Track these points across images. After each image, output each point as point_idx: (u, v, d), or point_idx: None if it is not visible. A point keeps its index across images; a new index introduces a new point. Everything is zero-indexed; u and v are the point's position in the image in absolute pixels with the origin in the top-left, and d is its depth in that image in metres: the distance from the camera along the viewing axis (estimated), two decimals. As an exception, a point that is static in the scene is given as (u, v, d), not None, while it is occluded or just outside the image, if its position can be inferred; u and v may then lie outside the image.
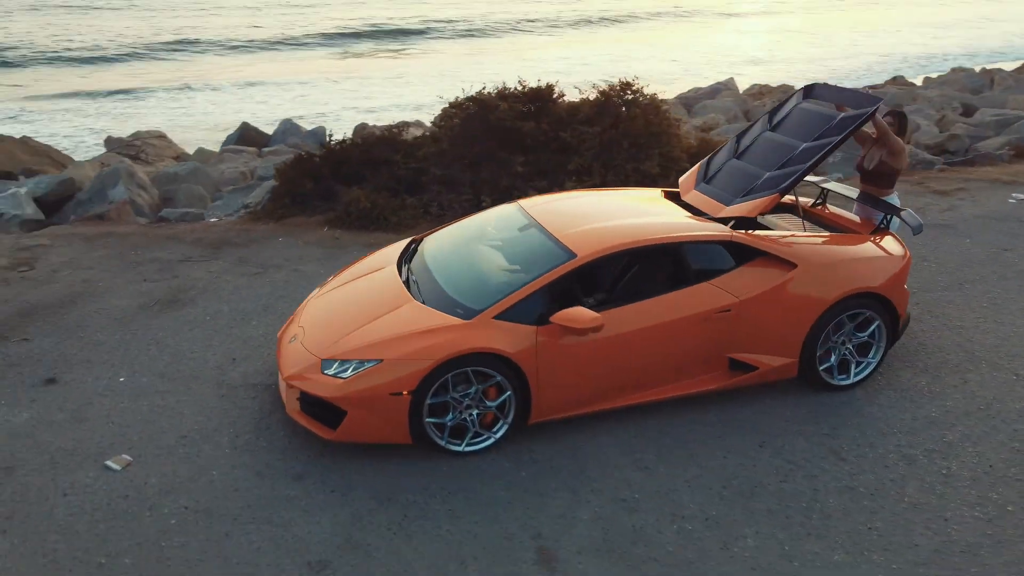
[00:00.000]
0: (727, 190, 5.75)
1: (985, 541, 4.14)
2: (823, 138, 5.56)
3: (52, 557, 4.03)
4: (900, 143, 5.99)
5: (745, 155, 5.98)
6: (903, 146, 6.01)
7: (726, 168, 6.00)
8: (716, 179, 5.96)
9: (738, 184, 5.73)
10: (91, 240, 8.65)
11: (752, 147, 6.02)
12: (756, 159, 5.85)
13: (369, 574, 3.92)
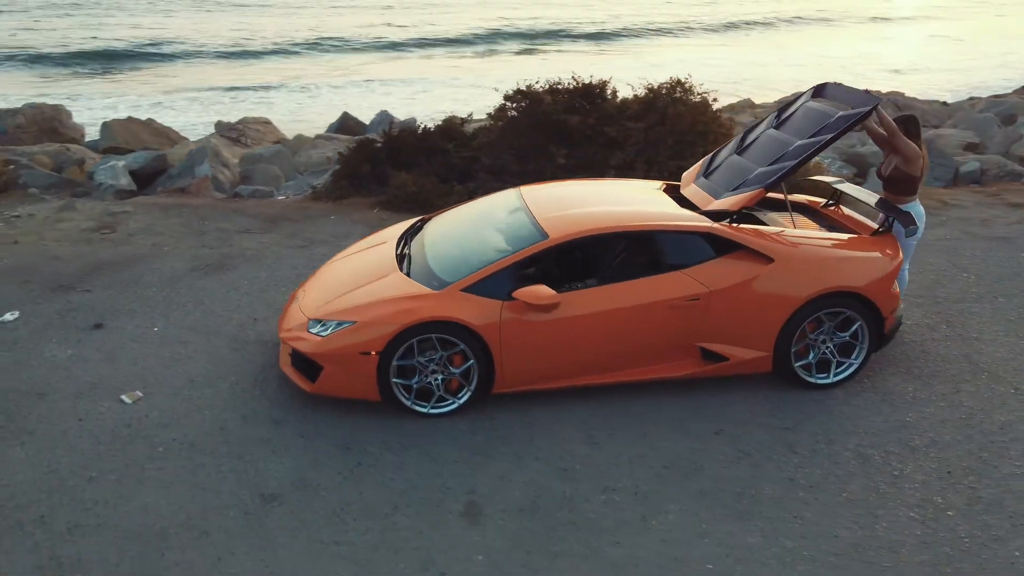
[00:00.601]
0: (720, 184, 5.83)
1: (909, 540, 4.12)
2: (818, 136, 5.56)
3: (54, 469, 4.67)
4: (913, 149, 5.86)
5: (746, 151, 6.04)
6: (917, 152, 5.88)
7: (726, 163, 6.07)
8: (714, 174, 6.04)
9: (732, 179, 5.80)
10: (167, 209, 9.56)
11: (754, 143, 6.06)
12: (753, 155, 5.90)
13: (309, 508, 4.34)
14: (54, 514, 4.29)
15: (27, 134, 16.41)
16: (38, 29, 37.47)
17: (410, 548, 4.06)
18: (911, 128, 5.90)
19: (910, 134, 5.87)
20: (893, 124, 5.81)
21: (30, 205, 9.83)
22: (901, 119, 5.95)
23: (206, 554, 4.01)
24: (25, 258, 7.94)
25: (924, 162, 5.97)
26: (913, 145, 5.84)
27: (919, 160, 5.89)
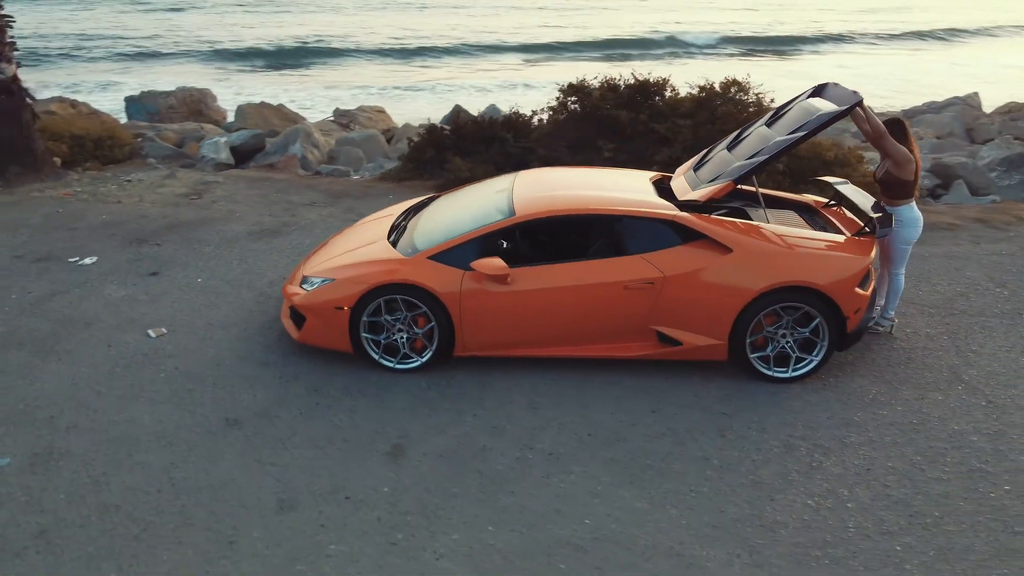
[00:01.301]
0: (703, 177, 5.98)
1: (793, 523, 4.21)
2: (795, 132, 5.62)
3: (75, 382, 5.55)
4: (902, 152, 5.78)
5: (736, 147, 6.14)
6: (907, 156, 5.80)
7: (715, 158, 6.20)
8: (703, 167, 6.19)
9: (713, 172, 5.94)
10: (253, 182, 10.61)
11: (744, 140, 6.15)
12: (739, 150, 6.00)
13: (260, 435, 4.96)
14: (61, 415, 5.14)
15: (177, 114, 18.33)
16: (225, 26, 41.24)
17: (329, 474, 4.59)
18: (896, 131, 5.82)
19: (897, 138, 5.80)
20: (880, 126, 5.76)
21: (143, 172, 11.17)
22: (886, 122, 5.88)
23: (163, 459, 4.71)
24: (120, 215, 9.14)
25: (917, 166, 5.86)
26: (903, 148, 5.77)
27: (910, 164, 5.80)
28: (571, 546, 4.05)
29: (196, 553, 3.99)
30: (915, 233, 6.00)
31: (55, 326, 6.37)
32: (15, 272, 7.46)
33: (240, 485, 4.49)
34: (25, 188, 10.24)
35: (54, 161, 11.11)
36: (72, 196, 9.95)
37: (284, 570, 3.89)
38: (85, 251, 7.97)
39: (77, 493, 4.42)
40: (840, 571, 3.89)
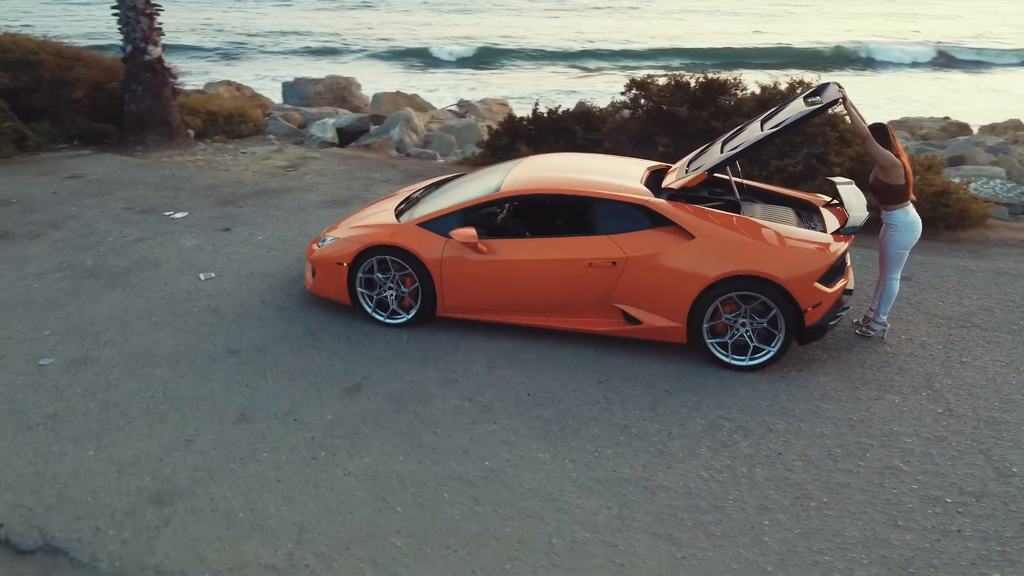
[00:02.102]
0: (690, 167, 6.19)
1: (675, 488, 4.43)
2: (777, 127, 5.72)
3: (125, 309, 6.61)
4: (886, 157, 5.72)
5: (729, 141, 6.29)
6: (892, 160, 5.72)
7: (709, 150, 6.38)
8: (697, 159, 6.38)
9: (700, 164, 6.14)
10: (345, 159, 11.65)
11: (738, 134, 6.29)
12: (729, 143, 6.16)
13: (250, 364, 5.75)
14: (104, 332, 6.19)
15: (323, 99, 20.00)
16: (434, 25, 43.78)
17: (290, 400, 5.29)
18: (880, 137, 5.75)
19: (881, 143, 5.74)
20: (863, 129, 5.73)
21: (259, 146, 12.52)
22: (870, 128, 5.82)
23: (165, 373, 5.61)
24: (222, 180, 10.40)
25: (905, 170, 5.77)
26: (886, 153, 5.71)
27: (896, 168, 5.73)
28: (462, 480, 4.51)
29: (159, 445, 4.81)
30: (910, 238, 5.90)
31: (131, 264, 7.53)
32: (120, 220, 8.78)
33: (215, 400, 5.29)
34: (157, 153, 11.81)
35: (188, 133, 12.69)
36: (192, 163, 11.38)
37: (221, 467, 4.61)
38: (180, 207, 9.21)
39: (90, 390, 5.38)
40: (697, 533, 4.12)
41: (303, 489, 4.42)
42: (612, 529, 4.14)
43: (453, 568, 3.87)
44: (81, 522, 4.16)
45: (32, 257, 7.72)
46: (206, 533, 4.09)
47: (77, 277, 7.24)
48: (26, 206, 9.23)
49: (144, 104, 12.05)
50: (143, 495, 4.37)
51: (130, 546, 4.00)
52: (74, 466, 4.61)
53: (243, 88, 20.96)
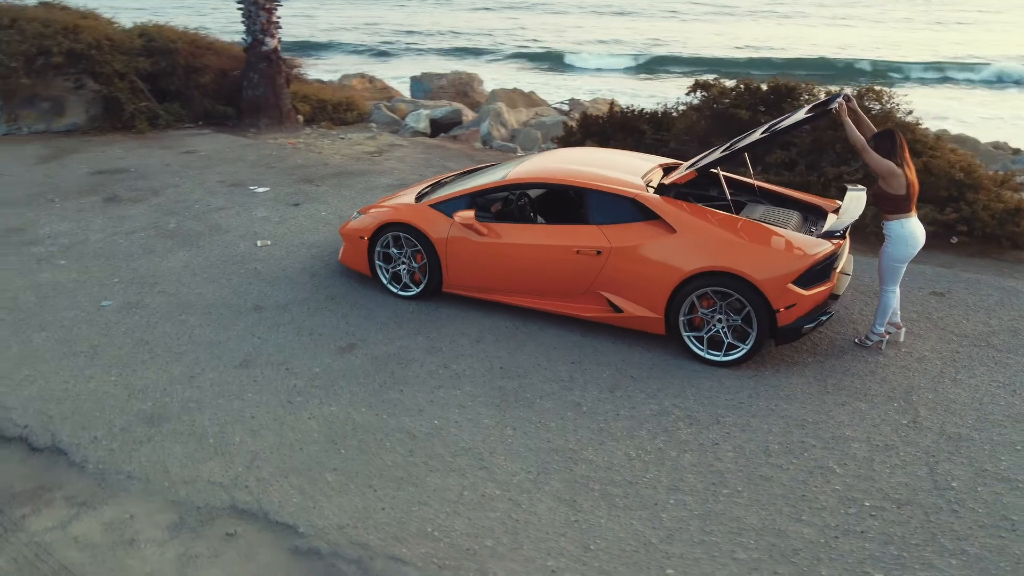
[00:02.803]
0: (694, 164, 6.34)
1: (600, 463, 4.67)
2: (769, 130, 5.79)
3: (187, 265, 7.52)
4: (885, 166, 5.60)
5: (737, 142, 6.37)
6: (890, 169, 5.60)
7: (719, 148, 6.48)
8: (702, 159, 6.51)
9: (696, 162, 6.28)
10: (429, 148, 12.34)
11: (746, 137, 6.36)
12: (736, 142, 6.25)
13: (269, 320, 6.45)
14: (160, 283, 7.10)
15: (446, 93, 20.95)
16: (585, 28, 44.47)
17: (289, 352, 5.93)
18: (884, 143, 5.65)
19: (885, 150, 5.64)
20: (858, 139, 5.66)
21: (357, 133, 13.46)
22: (877, 134, 5.72)
23: (197, 321, 6.40)
24: (312, 161, 11.34)
25: (908, 181, 5.63)
26: (884, 162, 5.61)
27: (895, 178, 5.61)
28: (407, 433, 4.97)
29: (168, 378, 5.56)
30: (904, 251, 5.77)
31: (205, 229, 8.49)
32: (211, 191, 9.84)
33: (227, 346, 6.02)
34: (267, 135, 12.97)
35: (297, 118, 13.82)
36: (293, 145, 12.44)
37: (210, 401, 5.30)
38: (265, 183, 10.18)
39: (131, 329, 6.26)
40: (600, 502, 4.36)
41: (269, 426, 5.02)
42: (522, 490, 4.46)
43: (367, 503, 4.33)
44: (84, 431, 4.95)
45: (128, 217, 8.85)
46: (177, 452, 4.76)
47: (157, 236, 8.27)
48: (139, 174, 10.50)
49: (259, 90, 13.26)
50: (140, 416, 5.11)
51: (115, 454, 4.74)
52: (95, 387, 5.43)
53: (375, 81, 22.25)
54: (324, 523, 4.18)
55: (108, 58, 12.63)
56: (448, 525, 4.18)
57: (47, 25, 12.39)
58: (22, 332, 6.20)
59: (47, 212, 8.99)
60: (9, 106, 12.32)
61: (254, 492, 4.42)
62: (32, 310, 6.58)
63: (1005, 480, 4.55)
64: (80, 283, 7.11)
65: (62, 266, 7.49)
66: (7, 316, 6.46)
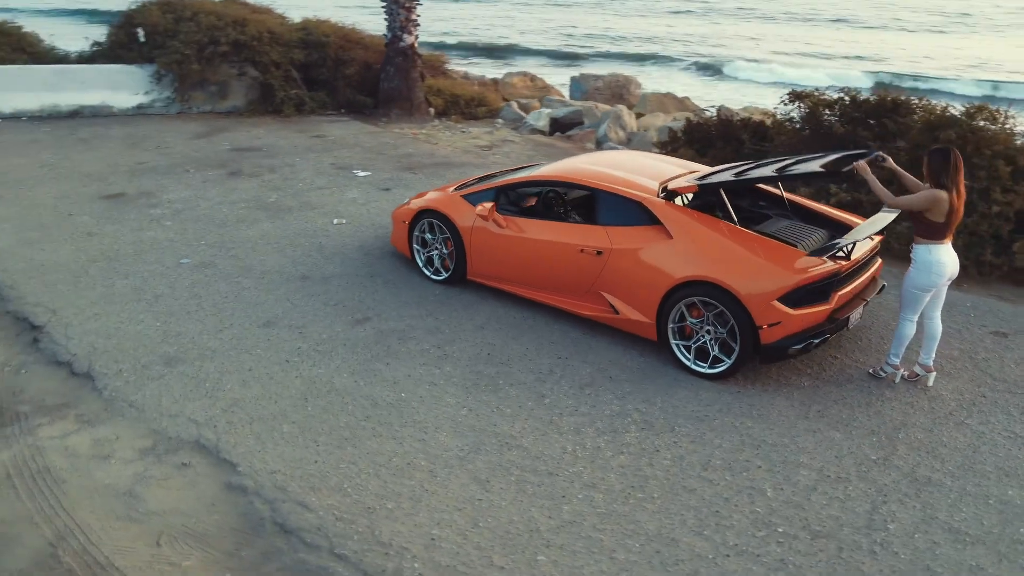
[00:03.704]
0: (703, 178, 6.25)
1: (527, 446, 4.83)
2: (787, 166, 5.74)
3: (264, 235, 8.36)
4: (920, 202, 5.15)
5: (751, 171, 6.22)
6: (930, 198, 5.11)
7: (733, 170, 6.33)
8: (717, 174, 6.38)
9: (714, 175, 6.20)
10: (539, 146, 12.67)
11: (763, 166, 6.19)
12: (757, 169, 6.09)
13: (308, 288, 7.08)
14: (234, 248, 7.97)
15: (601, 95, 21.20)
16: (769, 39, 43.50)
17: (310, 319, 6.51)
18: (934, 160, 5.21)
19: (934, 168, 5.22)
20: (886, 193, 5.38)
21: (480, 127, 14.06)
22: (932, 150, 5.31)
23: (249, 284, 7.16)
24: (422, 151, 12.04)
25: (953, 207, 5.19)
26: (919, 199, 5.21)
27: (939, 204, 5.14)
28: (371, 401, 5.36)
29: (200, 328, 6.32)
30: (926, 280, 5.37)
31: (297, 205, 9.36)
32: (319, 172, 10.77)
33: (263, 308, 6.71)
34: (395, 125, 13.88)
35: (429, 110, 14.64)
36: (415, 135, 13.24)
37: (223, 352, 5.98)
38: (369, 167, 10.98)
39: (192, 285, 7.12)
40: (511, 487, 4.52)
41: (260, 379, 5.61)
42: (446, 465, 4.72)
43: (305, 455, 4.77)
44: (114, 364, 5.78)
45: (239, 189, 9.93)
46: (175, 391, 5.46)
47: (254, 208, 9.23)
48: (266, 153, 11.67)
49: (394, 83, 14.19)
50: (162, 357, 5.89)
51: (128, 386, 5.51)
52: (141, 329, 6.29)
53: (536, 80, 22.84)
54: (261, 466, 4.67)
55: (267, 49, 14.05)
56: (363, 485, 4.53)
57: (220, 18, 13.99)
58: (110, 277, 7.25)
59: (178, 180, 10.27)
60: (183, 88, 14.05)
61: (219, 432, 4.99)
62: (126, 260, 7.64)
63: (952, 532, 4.22)
64: (173, 242, 8.14)
65: (167, 226, 8.59)
66: (105, 264, 7.56)
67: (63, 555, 4.02)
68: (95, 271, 7.38)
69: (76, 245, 7.99)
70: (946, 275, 5.38)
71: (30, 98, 13.64)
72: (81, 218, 8.78)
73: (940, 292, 5.52)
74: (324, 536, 4.14)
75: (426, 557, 4.00)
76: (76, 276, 7.25)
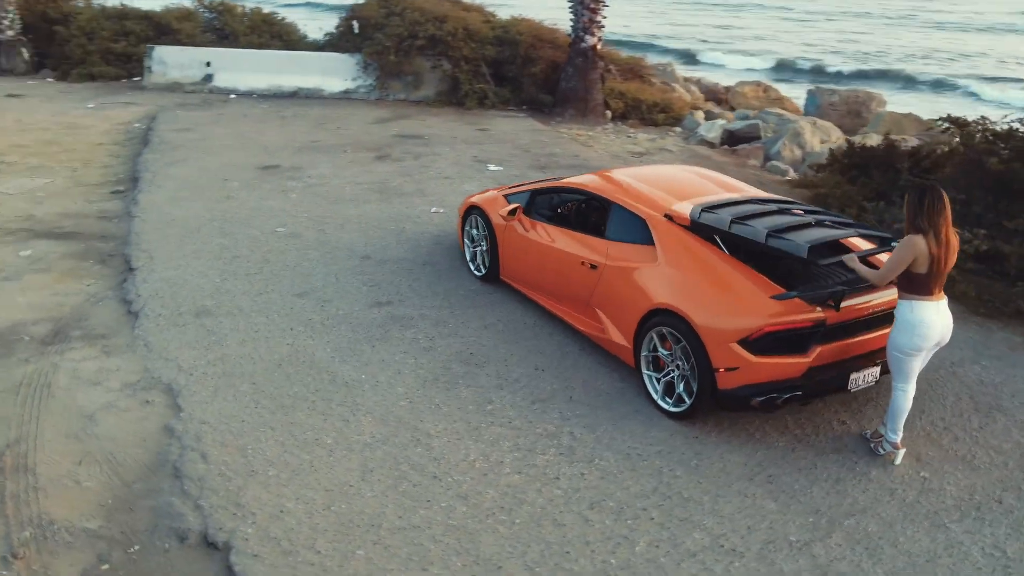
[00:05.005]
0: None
1: (443, 438, 4.85)
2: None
3: (364, 215, 8.96)
4: (894, 264, 4.49)
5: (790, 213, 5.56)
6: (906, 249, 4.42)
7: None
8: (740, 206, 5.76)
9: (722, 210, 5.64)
10: (694, 157, 12.11)
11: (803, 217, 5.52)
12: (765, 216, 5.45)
13: (362, 268, 7.49)
14: (328, 223, 8.63)
15: (835, 111, 19.72)
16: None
17: (339, 293, 6.93)
18: (911, 202, 4.45)
19: (910, 210, 4.46)
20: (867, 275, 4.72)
21: (650, 134, 13.75)
22: (909, 191, 4.52)
23: (314, 257, 7.74)
24: (569, 152, 12.05)
25: (935, 256, 4.37)
26: (894, 260, 4.48)
27: (911, 249, 4.41)
28: (331, 377, 5.62)
29: (246, 288, 7.00)
30: (908, 341, 4.51)
31: (412, 191, 9.88)
32: (456, 162, 11.23)
33: (308, 279, 7.25)
34: (563, 125, 13.99)
35: (605, 113, 14.54)
36: (578, 136, 13.26)
37: (247, 311, 6.57)
38: (504, 163, 11.23)
39: (269, 252, 7.86)
40: (385, 481, 4.53)
41: (259, 341, 6.12)
42: (347, 448, 4.85)
43: (237, 413, 5.16)
44: (162, 308, 6.62)
45: (375, 172, 10.68)
46: (185, 338, 6.14)
47: (373, 190, 9.90)
48: (424, 141, 12.38)
49: (572, 83, 14.29)
50: (198, 308, 6.63)
51: (156, 328, 6.30)
52: (200, 282, 7.12)
53: (769, 90, 21.70)
54: (198, 416, 5.15)
55: (460, 44, 14.82)
56: (263, 450, 4.82)
57: (423, 14, 15.00)
58: (212, 236, 8.24)
59: (330, 158, 11.28)
60: (383, 77, 15.28)
61: (191, 380, 5.56)
62: (236, 222, 8.62)
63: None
64: (283, 212, 9.01)
65: (290, 198, 9.52)
66: (218, 224, 8.59)
67: (8, 454, 4.76)
68: (206, 229, 8.42)
69: (208, 205, 9.14)
70: (933, 338, 4.50)
71: (261, 78, 15.65)
72: (231, 183, 10.00)
73: (926, 358, 4.64)
74: (199, 487, 4.49)
75: (263, 526, 4.19)
76: (188, 232, 8.33)
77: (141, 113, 13.85)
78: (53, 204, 9.21)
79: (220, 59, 15.84)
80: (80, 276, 7.34)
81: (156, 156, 11.16)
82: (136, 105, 14.43)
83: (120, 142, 12.12)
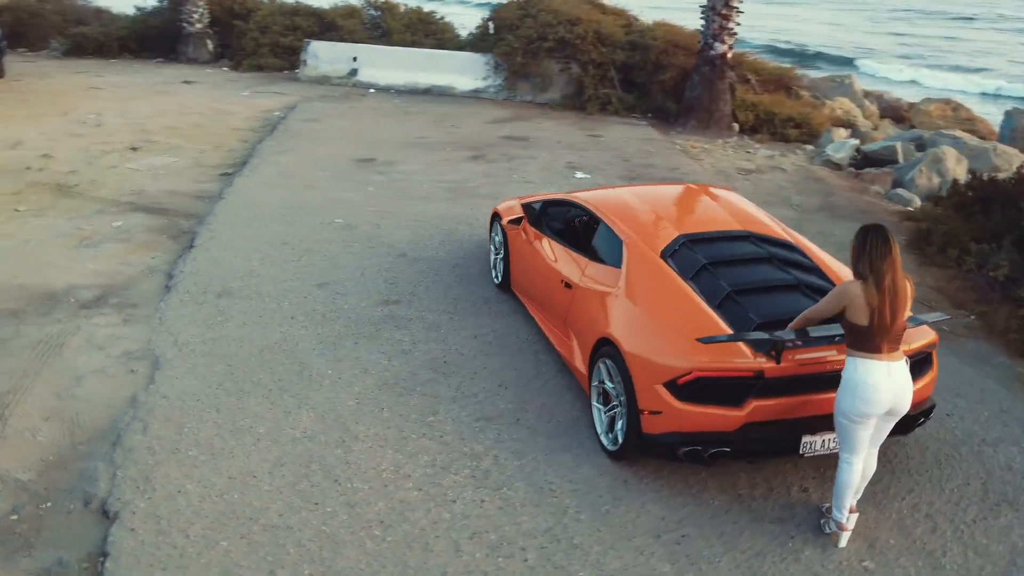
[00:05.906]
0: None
1: (357, 450, 4.84)
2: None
3: (423, 212, 9.09)
4: (832, 300, 3.93)
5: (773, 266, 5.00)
6: (839, 294, 3.86)
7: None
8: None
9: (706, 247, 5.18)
10: (803, 180, 11.22)
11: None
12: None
13: (393, 265, 7.58)
14: (384, 218, 8.81)
15: None
16: None
17: (356, 287, 7.07)
18: (854, 244, 3.86)
19: (853, 253, 3.88)
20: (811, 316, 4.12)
21: (771, 150, 12.90)
22: (859, 230, 3.90)
23: (356, 250, 7.95)
24: (672, 164, 11.52)
25: (873, 308, 3.76)
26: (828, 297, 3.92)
27: (846, 298, 3.84)
28: (300, 367, 5.75)
29: (275, 275, 7.32)
30: (851, 405, 3.87)
31: (486, 193, 9.86)
32: (546, 167, 11.07)
33: (337, 271, 7.44)
34: (681, 136, 13.41)
35: (732, 125, 13.76)
36: (694, 148, 12.66)
37: (264, 295, 6.87)
38: (595, 172, 10.93)
39: (317, 241, 8.17)
40: (286, 478, 4.57)
41: (255, 325, 6.39)
42: (275, 440, 4.94)
43: (201, 392, 5.40)
44: (191, 286, 7.06)
45: (461, 171, 10.78)
46: (196, 316, 6.53)
47: (448, 190, 10.00)
48: (527, 144, 12.32)
49: (696, 92, 13.63)
50: (223, 288, 7.02)
51: (177, 304, 6.73)
52: (240, 264, 7.52)
53: (960, 109, 19.70)
54: (162, 391, 5.44)
55: (590, 48, 14.61)
56: (198, 430, 5.02)
57: (556, 16, 14.93)
58: (275, 222, 8.68)
59: (426, 155, 11.52)
60: (511, 78, 15.38)
61: (177, 355, 5.91)
62: (303, 211, 9.04)
63: None
64: (352, 203, 9.33)
65: (367, 191, 9.84)
66: (286, 211, 9.04)
67: (-5, 403, 5.30)
68: (273, 214, 8.89)
69: (290, 193, 9.65)
70: (881, 403, 3.85)
71: (400, 75, 16.29)
72: (321, 173, 10.50)
73: (881, 428, 3.96)
74: (125, 457, 4.76)
75: (155, 504, 4.37)
76: (257, 216, 8.84)
77: (284, 103, 14.84)
78: (166, 182, 10.09)
79: (366, 55, 16.65)
80: (151, 249, 8.00)
81: (273, 143, 11.93)
82: (284, 95, 15.49)
83: (255, 128, 13.05)
